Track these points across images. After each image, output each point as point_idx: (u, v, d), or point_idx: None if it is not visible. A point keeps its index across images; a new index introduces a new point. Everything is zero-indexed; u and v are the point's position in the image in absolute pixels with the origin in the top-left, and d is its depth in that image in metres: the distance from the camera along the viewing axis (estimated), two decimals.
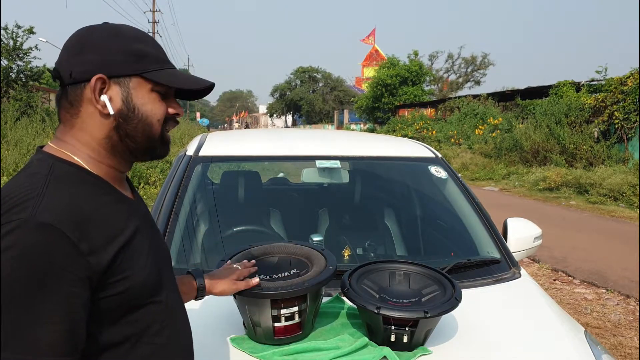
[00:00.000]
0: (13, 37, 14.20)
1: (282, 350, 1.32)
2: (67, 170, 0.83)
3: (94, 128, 0.86)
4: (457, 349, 1.37)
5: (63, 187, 0.79)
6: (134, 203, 0.92)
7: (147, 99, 0.88)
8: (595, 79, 13.55)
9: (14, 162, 7.67)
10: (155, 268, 0.88)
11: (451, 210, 2.37)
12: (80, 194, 0.80)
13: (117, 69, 0.85)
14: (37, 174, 0.80)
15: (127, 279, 0.81)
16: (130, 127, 0.87)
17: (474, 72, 36.02)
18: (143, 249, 0.86)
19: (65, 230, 0.73)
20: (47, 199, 0.75)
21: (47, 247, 0.71)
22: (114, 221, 0.82)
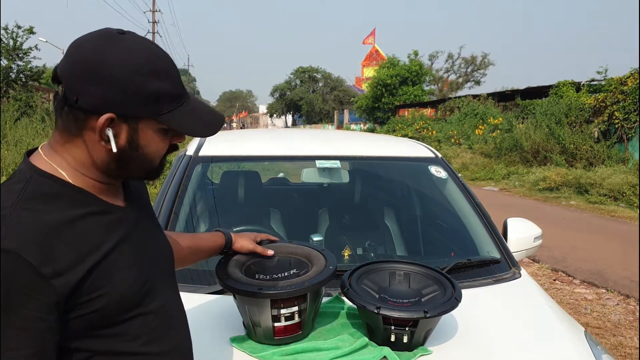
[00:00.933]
0: (13, 37, 14.21)
1: (282, 350, 1.32)
2: (44, 185, 0.80)
3: (92, 152, 0.83)
4: (457, 349, 1.37)
5: (32, 206, 0.76)
6: (122, 211, 0.89)
7: (153, 138, 0.85)
8: (595, 79, 13.55)
9: (13, 162, 7.66)
10: (140, 279, 0.86)
11: (451, 210, 2.37)
12: (51, 211, 0.77)
13: (130, 111, 0.81)
14: (11, 190, 0.78)
15: (103, 296, 0.79)
16: (130, 162, 0.85)
17: (474, 72, 36.03)
18: (125, 262, 0.84)
19: (26, 256, 0.71)
20: (12, 221, 0.73)
21: (8, 274, 0.70)
22: (88, 237, 0.80)
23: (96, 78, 0.78)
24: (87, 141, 0.82)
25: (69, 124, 0.81)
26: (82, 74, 0.78)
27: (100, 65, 0.78)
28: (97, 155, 0.83)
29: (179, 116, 0.84)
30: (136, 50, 0.81)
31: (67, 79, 0.79)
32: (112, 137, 0.80)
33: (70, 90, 0.79)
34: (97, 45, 0.79)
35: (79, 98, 0.78)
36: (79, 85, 0.78)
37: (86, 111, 0.79)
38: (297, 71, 53.26)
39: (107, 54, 0.79)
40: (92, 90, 0.78)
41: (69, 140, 0.83)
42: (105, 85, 0.78)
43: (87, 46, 0.80)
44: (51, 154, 0.84)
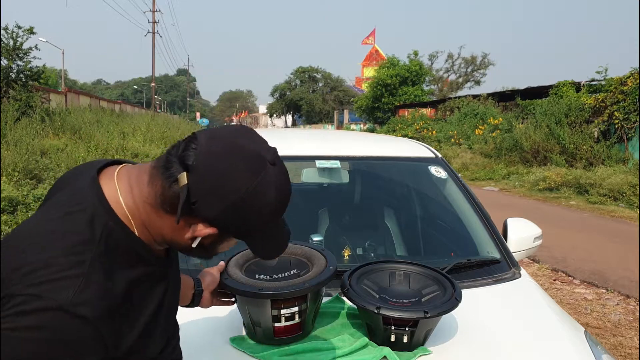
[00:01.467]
0: (13, 37, 14.20)
1: (282, 350, 1.32)
2: (117, 238, 0.77)
3: (170, 231, 0.81)
4: (457, 349, 1.37)
5: (107, 266, 0.73)
6: (165, 263, 0.89)
7: (230, 245, 0.87)
8: (595, 79, 13.55)
9: (13, 162, 7.66)
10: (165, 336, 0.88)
11: (451, 210, 2.37)
12: (119, 273, 0.75)
13: (233, 235, 0.83)
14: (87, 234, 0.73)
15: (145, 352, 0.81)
16: (198, 252, 0.86)
17: (474, 72, 36.02)
18: (160, 322, 0.85)
19: (101, 327, 0.70)
20: (90, 283, 0.70)
21: (79, 340, 0.69)
22: (142, 301, 0.80)
23: (226, 202, 0.76)
24: (173, 224, 0.80)
25: (168, 202, 0.78)
26: (217, 191, 0.75)
27: (239, 195, 0.75)
28: (173, 236, 0.82)
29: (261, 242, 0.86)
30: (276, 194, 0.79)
31: (198, 181, 0.75)
32: (197, 240, 0.81)
33: (196, 191, 0.75)
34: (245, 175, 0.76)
35: (198, 203, 0.76)
36: (208, 196, 0.75)
37: (196, 215, 0.78)
38: (297, 71, 53.24)
39: (251, 189, 0.76)
40: (216, 206, 0.76)
41: (156, 207, 0.79)
42: (228, 211, 0.76)
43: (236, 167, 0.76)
44: (128, 197, 0.80)
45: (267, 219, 0.80)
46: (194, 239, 0.81)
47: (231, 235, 0.83)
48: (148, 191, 0.79)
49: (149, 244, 0.82)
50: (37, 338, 0.67)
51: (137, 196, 0.80)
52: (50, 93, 19.32)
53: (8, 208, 6.02)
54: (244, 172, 0.76)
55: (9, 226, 5.71)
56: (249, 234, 0.83)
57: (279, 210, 0.82)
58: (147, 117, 21.24)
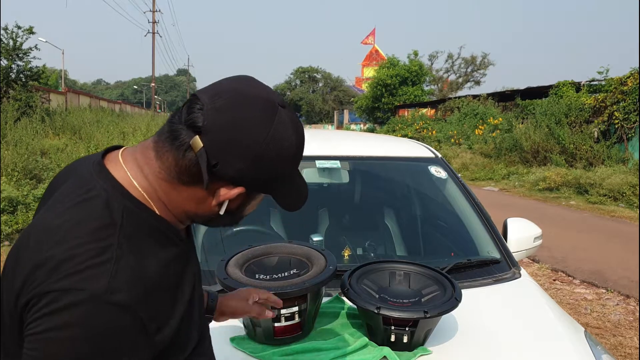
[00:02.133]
0: (13, 37, 14.21)
1: (282, 350, 1.32)
2: (139, 218, 0.71)
3: (192, 203, 0.76)
4: (457, 349, 1.37)
5: (136, 248, 0.68)
6: (189, 243, 0.83)
7: (256, 204, 0.83)
8: (595, 79, 13.56)
9: (13, 162, 7.66)
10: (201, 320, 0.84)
11: (451, 210, 2.37)
12: (150, 256, 0.70)
13: (261, 189, 0.77)
14: (108, 221, 0.68)
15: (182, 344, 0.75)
16: (225, 220, 0.81)
17: (473, 72, 36.03)
18: (195, 306, 0.79)
19: (140, 312, 0.65)
20: (123, 266, 0.65)
21: (118, 330, 0.63)
22: (177, 284, 0.74)
23: (247, 156, 0.71)
24: (195, 194, 0.75)
25: (186, 172, 0.72)
26: (235, 146, 0.71)
27: (258, 147, 0.71)
28: (196, 208, 0.77)
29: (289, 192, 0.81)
30: (292, 136, 0.75)
31: (214, 140, 0.70)
32: (226, 204, 0.76)
33: (214, 153, 0.70)
34: (259, 123, 0.72)
35: (218, 164, 0.71)
36: (227, 155, 0.71)
37: (219, 178, 0.73)
38: (297, 71, 53.26)
39: (267, 137, 0.72)
40: (238, 164, 0.71)
41: (171, 180, 0.74)
42: (253, 164, 0.72)
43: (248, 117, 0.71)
44: (140, 177, 0.74)
45: (291, 163, 0.76)
46: (220, 204, 0.76)
47: (259, 190, 0.78)
48: (159, 166, 0.74)
49: (173, 224, 0.77)
50: (74, 337, 0.61)
51: (149, 175, 0.74)
52: (50, 93, 19.32)
53: (8, 208, 6.02)
54: (259, 120, 0.71)
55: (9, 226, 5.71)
56: (276, 184, 0.77)
57: (300, 151, 0.78)
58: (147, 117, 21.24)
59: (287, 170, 0.77)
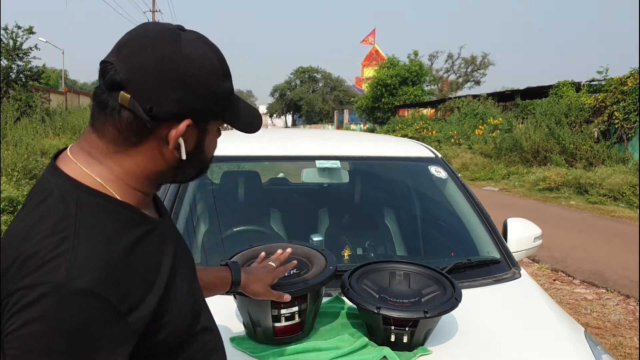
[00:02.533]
0: (13, 37, 14.21)
1: (282, 350, 1.32)
2: (97, 205, 0.71)
3: (149, 160, 0.76)
4: (457, 349, 1.37)
5: (96, 233, 0.68)
6: (162, 224, 0.82)
7: (214, 137, 0.82)
8: (595, 79, 13.56)
9: (13, 162, 7.66)
10: (192, 297, 0.82)
11: (451, 210, 2.37)
12: (114, 237, 0.70)
13: (208, 116, 0.77)
14: (62, 215, 0.69)
15: (169, 323, 0.75)
16: (190, 166, 0.80)
17: (474, 72, 36.04)
18: (181, 282, 0.79)
19: (107, 295, 0.65)
20: (82, 253, 0.65)
21: (88, 317, 0.63)
22: (150, 263, 0.73)
23: (175, 83, 0.71)
24: (148, 150, 0.75)
25: (128, 132, 0.72)
26: (159, 79, 0.71)
27: (179, 69, 0.71)
28: (155, 164, 0.76)
29: (237, 113, 0.82)
30: (208, 50, 0.76)
31: (138, 86, 0.70)
32: (183, 144, 0.75)
33: (144, 97, 0.70)
34: (168, 47, 0.72)
35: (156, 107, 0.71)
36: (156, 92, 0.71)
37: (161, 120, 0.72)
38: (297, 71, 53.28)
39: (182, 56, 0.72)
40: (171, 96, 0.71)
41: (121, 150, 0.74)
42: (184, 90, 0.72)
43: (157, 48, 0.72)
44: (90, 163, 0.74)
45: (220, 77, 0.76)
46: (178, 149, 0.75)
47: (206, 117, 0.77)
48: (104, 143, 0.74)
49: (132, 203, 0.76)
50: (46, 329, 0.62)
51: (99, 157, 0.75)
52: (51, 93, 19.33)
53: (8, 208, 6.02)
54: (166, 47, 0.72)
55: None
56: (219, 106, 0.77)
57: (223, 64, 0.78)
58: None
59: (221, 88, 0.77)
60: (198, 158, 0.80)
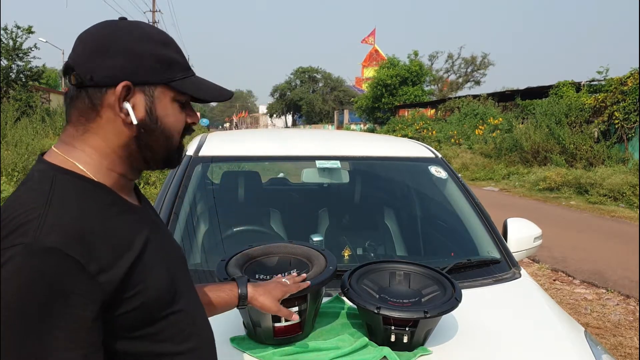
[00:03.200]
0: (12, 37, 14.21)
1: (282, 350, 1.32)
2: (71, 182, 0.77)
3: (112, 135, 0.81)
4: (457, 349, 1.37)
5: (67, 203, 0.74)
6: (142, 210, 0.88)
7: (170, 109, 0.84)
8: (595, 79, 13.56)
9: (13, 162, 7.67)
10: (169, 277, 0.85)
11: (451, 210, 2.37)
12: (85, 208, 0.75)
13: (145, 77, 0.80)
14: (38, 190, 0.75)
15: (141, 293, 0.77)
16: (151, 138, 0.83)
17: (474, 72, 36.04)
18: (156, 260, 0.82)
19: (73, 253, 0.69)
20: (51, 218, 0.70)
21: (55, 273, 0.67)
22: (122, 235, 0.78)
23: (109, 50, 0.78)
24: (106, 123, 0.80)
25: (85, 109, 0.80)
26: (94, 51, 0.79)
27: (112, 38, 0.79)
28: (117, 137, 0.81)
29: (191, 84, 0.85)
30: (145, 26, 0.83)
31: (78, 63, 0.79)
32: (130, 109, 0.79)
33: (84, 71, 0.78)
34: (105, 26, 0.81)
35: (93, 75, 0.78)
36: (92, 62, 0.78)
37: (102, 86, 0.78)
38: (297, 71, 53.26)
39: (117, 30, 0.80)
40: (106, 62, 0.78)
41: (86, 129, 0.81)
42: (118, 55, 0.78)
43: (94, 29, 0.82)
44: (68, 150, 0.81)
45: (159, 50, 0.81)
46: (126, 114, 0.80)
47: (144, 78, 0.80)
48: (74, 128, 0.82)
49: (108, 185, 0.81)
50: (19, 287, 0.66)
51: (74, 142, 0.81)
52: (51, 93, 19.33)
53: None
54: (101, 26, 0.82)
55: None
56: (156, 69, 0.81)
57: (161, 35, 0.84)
58: None
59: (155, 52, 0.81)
60: (156, 129, 0.83)
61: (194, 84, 0.85)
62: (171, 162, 0.89)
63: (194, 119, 0.89)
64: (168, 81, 0.82)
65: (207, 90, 0.87)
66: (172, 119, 0.84)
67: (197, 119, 0.90)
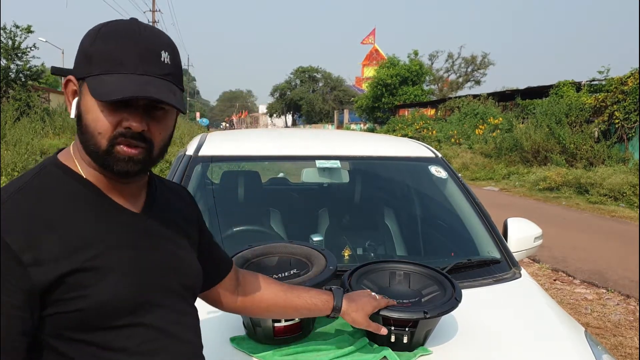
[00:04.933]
0: (12, 36, 14.20)
1: (282, 351, 1.32)
2: (54, 174, 0.82)
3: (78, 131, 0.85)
4: (457, 349, 1.37)
5: (33, 195, 0.78)
6: (133, 216, 0.86)
7: (90, 106, 0.78)
8: (595, 79, 13.56)
9: (12, 162, 7.66)
10: (134, 288, 0.81)
11: (451, 210, 2.37)
12: (51, 202, 0.78)
13: (75, 70, 0.82)
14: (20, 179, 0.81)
15: (85, 298, 0.76)
16: (82, 136, 0.81)
17: (474, 72, 36.00)
18: (119, 267, 0.80)
19: (9, 241, 0.72)
20: (7, 207, 0.75)
21: None
22: (81, 234, 0.78)
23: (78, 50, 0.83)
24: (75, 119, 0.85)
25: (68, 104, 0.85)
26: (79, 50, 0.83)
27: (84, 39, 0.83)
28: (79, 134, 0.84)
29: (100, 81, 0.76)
30: (117, 21, 0.83)
31: None
32: (71, 103, 0.83)
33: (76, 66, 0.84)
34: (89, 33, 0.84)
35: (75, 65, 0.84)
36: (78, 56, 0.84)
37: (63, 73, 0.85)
38: (297, 71, 53.22)
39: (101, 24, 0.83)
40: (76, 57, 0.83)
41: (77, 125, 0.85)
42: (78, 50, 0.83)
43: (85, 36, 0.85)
44: (74, 147, 0.87)
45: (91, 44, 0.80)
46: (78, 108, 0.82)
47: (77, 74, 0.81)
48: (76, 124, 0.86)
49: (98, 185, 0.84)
50: None
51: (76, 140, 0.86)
52: (50, 93, 19.33)
53: None
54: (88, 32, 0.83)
55: None
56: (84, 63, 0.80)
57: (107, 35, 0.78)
58: None
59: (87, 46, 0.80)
60: (82, 126, 0.81)
61: (103, 81, 0.76)
62: (104, 165, 0.80)
63: (132, 124, 0.77)
64: (86, 76, 0.78)
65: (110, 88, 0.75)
66: (91, 117, 0.78)
67: (136, 126, 0.78)
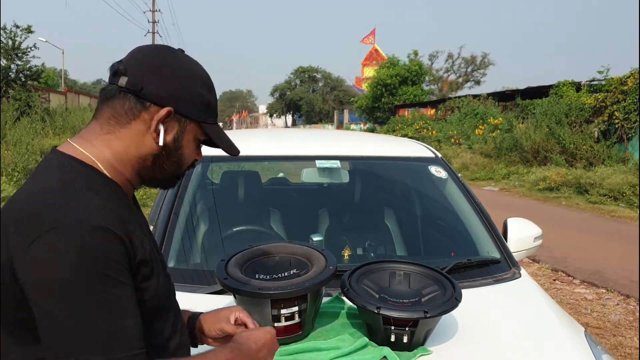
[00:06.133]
0: (12, 36, 14.21)
1: (282, 350, 1.32)
2: (91, 174, 0.83)
3: (134, 145, 0.86)
4: (457, 349, 1.37)
5: (95, 190, 0.79)
6: (139, 215, 0.94)
7: (191, 144, 0.92)
8: (595, 79, 13.56)
9: (13, 162, 7.66)
10: (166, 279, 0.92)
11: (451, 210, 2.37)
12: (109, 197, 0.81)
13: (186, 110, 0.87)
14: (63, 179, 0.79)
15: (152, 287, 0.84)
16: (167, 162, 0.90)
17: (474, 72, 35.99)
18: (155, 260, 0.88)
19: (117, 231, 0.75)
20: (88, 202, 0.76)
21: (107, 248, 0.73)
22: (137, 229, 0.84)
23: (165, 73, 0.85)
24: (135, 133, 0.85)
25: (122, 112, 0.84)
26: (152, 66, 0.85)
27: (170, 63, 0.86)
28: (138, 149, 0.86)
29: (216, 130, 0.93)
30: (198, 65, 0.92)
31: (134, 70, 0.84)
32: (162, 132, 0.85)
33: (136, 80, 0.83)
34: (166, 50, 0.89)
35: (145, 87, 0.83)
36: (148, 75, 0.84)
37: (148, 101, 0.84)
38: (297, 71, 53.21)
39: (176, 57, 0.88)
40: (160, 82, 0.84)
41: (112, 131, 0.85)
42: (171, 81, 0.85)
43: (156, 48, 0.89)
44: (86, 145, 0.85)
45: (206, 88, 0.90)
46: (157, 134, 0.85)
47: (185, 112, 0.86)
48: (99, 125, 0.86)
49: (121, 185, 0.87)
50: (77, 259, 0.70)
51: (93, 140, 0.85)
52: (50, 93, 19.34)
53: None
54: (164, 50, 0.89)
55: None
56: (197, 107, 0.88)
57: (209, 80, 0.92)
58: None
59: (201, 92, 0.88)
60: (175, 155, 0.90)
61: (218, 131, 0.94)
62: (168, 185, 0.97)
63: (200, 157, 0.97)
64: (202, 121, 0.90)
65: (223, 140, 0.94)
66: (188, 152, 0.92)
67: (200, 157, 0.98)
